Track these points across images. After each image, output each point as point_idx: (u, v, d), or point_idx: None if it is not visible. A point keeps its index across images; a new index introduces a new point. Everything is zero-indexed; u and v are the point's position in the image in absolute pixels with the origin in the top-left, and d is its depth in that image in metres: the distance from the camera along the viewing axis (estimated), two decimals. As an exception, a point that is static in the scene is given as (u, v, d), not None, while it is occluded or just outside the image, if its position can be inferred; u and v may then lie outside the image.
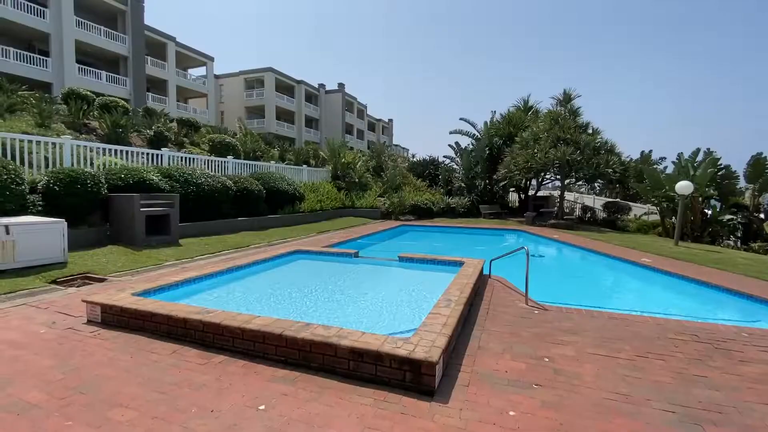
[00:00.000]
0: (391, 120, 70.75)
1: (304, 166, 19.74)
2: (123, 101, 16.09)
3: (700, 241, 13.92)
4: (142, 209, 9.06)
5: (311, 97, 50.35)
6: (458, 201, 20.51)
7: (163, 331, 4.13)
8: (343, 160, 20.32)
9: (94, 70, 26.99)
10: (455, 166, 24.70)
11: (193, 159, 13.61)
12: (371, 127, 64.54)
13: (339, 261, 7.95)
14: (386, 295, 6.06)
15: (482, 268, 6.78)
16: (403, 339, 3.37)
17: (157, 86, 33.68)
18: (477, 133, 23.71)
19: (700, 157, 14.87)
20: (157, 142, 14.23)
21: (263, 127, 40.82)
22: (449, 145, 24.61)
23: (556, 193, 23.75)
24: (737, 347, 4.04)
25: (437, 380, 3.11)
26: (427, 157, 26.11)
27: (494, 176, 20.64)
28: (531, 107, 23.73)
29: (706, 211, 14.63)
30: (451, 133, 24.51)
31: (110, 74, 27.92)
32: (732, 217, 14.24)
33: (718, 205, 14.58)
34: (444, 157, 25.61)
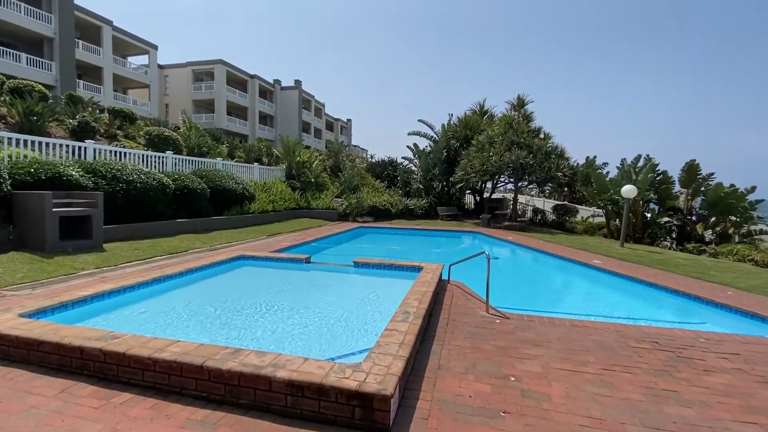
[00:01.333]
0: (349, 120, 69.97)
1: (256, 164, 18.59)
2: (41, 86, 14.12)
3: (641, 242, 14.71)
4: (55, 209, 7.81)
5: (266, 93, 48.36)
6: (416, 202, 20.33)
7: (53, 363, 3.30)
8: (298, 158, 19.41)
9: (12, 51, 23.82)
10: (413, 168, 24.57)
11: (126, 153, 12.18)
12: (329, 126, 63.35)
13: (288, 267, 7.26)
14: (339, 307, 5.50)
15: (441, 273, 6.43)
16: (353, 366, 2.85)
17: (91, 73, 30.54)
18: (435, 135, 23.74)
19: (641, 163, 15.76)
20: (81, 133, 12.58)
21: (212, 123, 38.48)
22: (407, 147, 24.44)
23: (509, 195, 24.40)
24: (698, 355, 3.95)
25: (392, 416, 2.62)
26: (386, 158, 25.78)
27: (451, 178, 20.71)
28: (486, 111, 24.20)
29: (646, 214, 15.51)
30: (409, 134, 24.38)
31: (32, 57, 24.78)
32: (669, 219, 15.20)
33: (657, 208, 15.51)
34: (402, 158, 25.43)
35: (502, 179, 21.24)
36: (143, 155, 12.76)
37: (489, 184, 22.85)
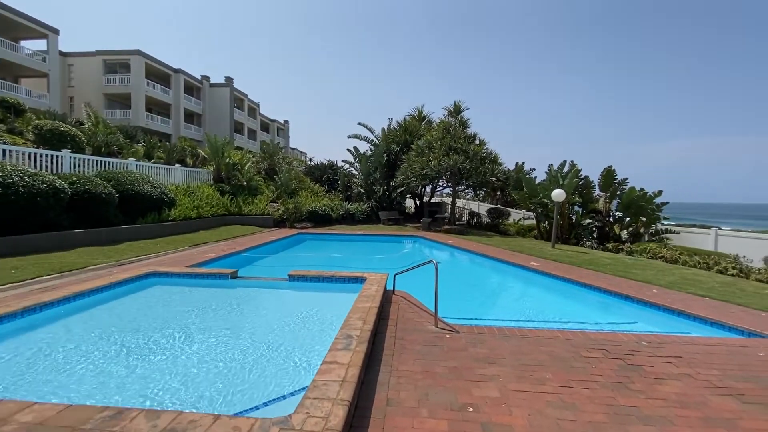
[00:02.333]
0: (287, 121, 67.43)
1: (178, 165, 16.73)
2: None
3: (567, 243, 15.67)
4: None
5: (193, 90, 44.70)
6: (358, 207, 19.84)
7: None
8: (228, 160, 17.86)
9: None
10: (354, 172, 24.08)
11: (6, 151, 10.09)
12: (265, 127, 60.47)
13: (210, 285, 6.27)
14: (269, 333, 4.71)
15: (386, 284, 5.97)
16: (280, 422, 2.22)
17: (-32, 56, 25.68)
18: (375, 139, 23.48)
19: (566, 169, 16.87)
20: (-58, 124, 10.16)
21: (129, 119, 34.49)
22: (348, 150, 23.86)
23: (447, 199, 24.95)
24: (645, 361, 3.91)
25: (332, 486, 2.04)
26: (326, 161, 25.00)
27: (392, 182, 20.58)
28: (425, 117, 24.53)
29: (571, 216, 16.60)
30: (349, 137, 23.81)
31: None
32: (591, 221, 16.42)
33: (580, 210, 16.69)
34: (343, 161, 24.81)
35: (440, 183, 21.62)
36: (31, 153, 10.70)
37: (428, 189, 23.15)
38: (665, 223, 15.92)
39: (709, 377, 3.55)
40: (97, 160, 12.74)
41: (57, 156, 11.31)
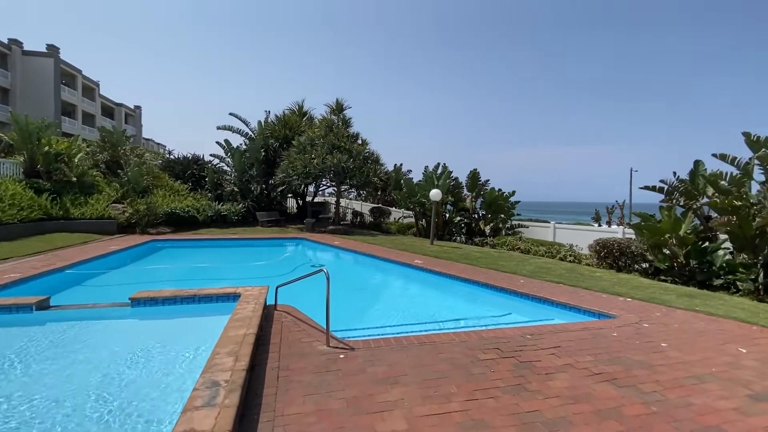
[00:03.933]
0: (138, 107, 56.95)
1: (-38, 153, 12.14)
2: None
3: (443, 239, 16.84)
4: None
5: (-5, 56, 34.04)
6: (231, 207, 17.69)
7: None
8: (48, 148, 13.77)
9: None
10: (226, 168, 21.51)
11: None
12: (109, 112, 50.06)
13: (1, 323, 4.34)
14: (94, 391, 3.34)
15: (266, 299, 5.06)
16: None
17: None
18: (251, 132, 21.39)
19: (439, 171, 18.11)
20: None
21: None
22: (218, 143, 21.13)
23: (331, 199, 24.47)
24: (533, 356, 4.01)
25: None
26: (189, 155, 21.69)
27: (271, 180, 19.06)
28: (306, 113, 23.52)
29: (445, 214, 17.91)
30: (218, 128, 21.13)
31: None
32: (461, 218, 18.00)
33: (452, 209, 18.14)
34: (211, 155, 21.89)
35: (324, 182, 20.98)
36: None
37: (311, 188, 22.24)
38: (517, 218, 18.52)
39: (586, 365, 3.81)
40: None
41: None
